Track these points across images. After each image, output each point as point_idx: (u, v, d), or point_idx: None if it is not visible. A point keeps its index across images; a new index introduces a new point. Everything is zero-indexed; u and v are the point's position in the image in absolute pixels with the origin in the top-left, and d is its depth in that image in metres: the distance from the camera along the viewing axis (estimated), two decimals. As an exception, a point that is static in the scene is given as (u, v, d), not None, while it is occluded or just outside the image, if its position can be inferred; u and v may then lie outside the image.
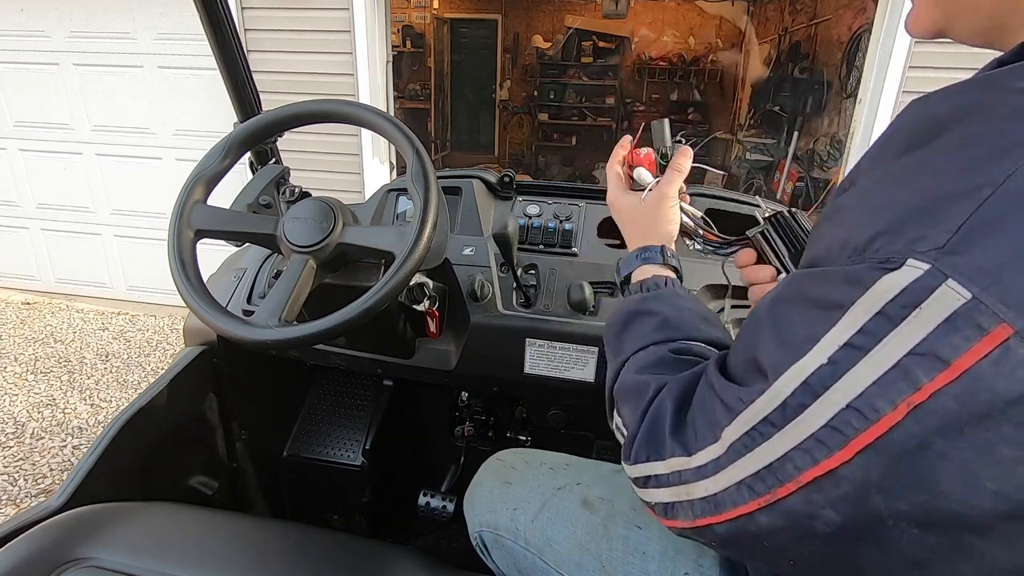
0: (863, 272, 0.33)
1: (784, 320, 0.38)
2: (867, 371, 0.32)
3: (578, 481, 0.78)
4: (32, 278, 3.55)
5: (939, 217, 0.31)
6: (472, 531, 0.83)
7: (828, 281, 0.35)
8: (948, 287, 0.29)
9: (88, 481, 0.90)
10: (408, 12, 6.22)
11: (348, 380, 1.50)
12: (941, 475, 0.31)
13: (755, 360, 0.40)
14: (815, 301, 0.36)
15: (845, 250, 0.35)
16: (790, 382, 0.35)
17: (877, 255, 0.33)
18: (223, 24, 0.98)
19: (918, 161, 0.35)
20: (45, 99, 3.13)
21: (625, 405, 0.54)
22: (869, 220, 0.35)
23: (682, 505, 0.45)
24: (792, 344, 0.36)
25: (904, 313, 0.31)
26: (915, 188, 0.34)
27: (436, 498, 1.39)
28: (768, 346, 0.39)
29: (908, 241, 0.32)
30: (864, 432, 0.32)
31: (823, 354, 0.34)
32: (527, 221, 1.11)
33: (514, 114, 6.89)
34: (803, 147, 4.58)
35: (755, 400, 0.38)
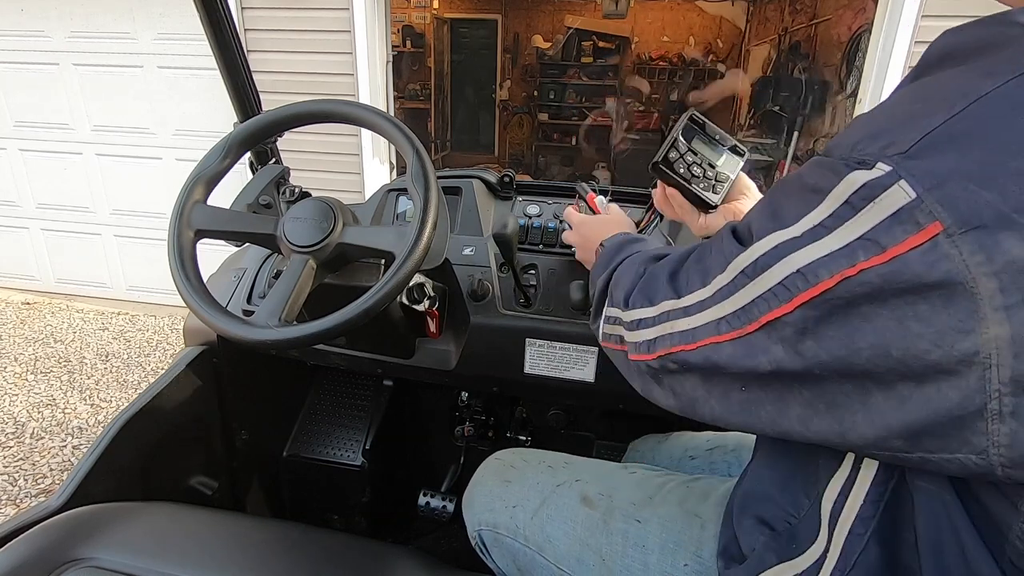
0: (842, 167, 0.38)
1: (782, 196, 0.44)
2: (823, 247, 0.38)
3: (577, 478, 0.79)
4: (32, 278, 3.55)
5: (911, 127, 0.36)
6: (471, 530, 0.83)
7: (820, 171, 0.40)
8: (899, 187, 0.34)
9: (88, 481, 0.90)
10: (408, 12, 6.21)
11: (348, 380, 1.50)
12: (858, 335, 0.36)
13: (750, 226, 0.46)
14: (807, 185, 0.41)
15: (839, 149, 0.40)
16: (765, 245, 0.42)
17: (857, 155, 0.37)
18: (223, 24, 0.98)
19: (922, 83, 0.40)
20: (45, 99, 3.13)
21: (620, 283, 0.63)
22: (863, 127, 0.39)
23: (663, 338, 0.52)
24: (780, 217, 0.42)
25: (863, 204, 0.36)
26: (907, 103, 0.39)
27: (436, 498, 1.39)
28: (763, 215, 0.45)
29: (882, 146, 0.36)
30: (804, 291, 0.38)
31: (800, 229, 0.40)
32: (527, 221, 1.11)
33: (514, 114, 6.89)
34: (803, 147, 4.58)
35: (742, 254, 0.44)
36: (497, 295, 1.04)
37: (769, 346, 0.42)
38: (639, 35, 6.35)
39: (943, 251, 0.32)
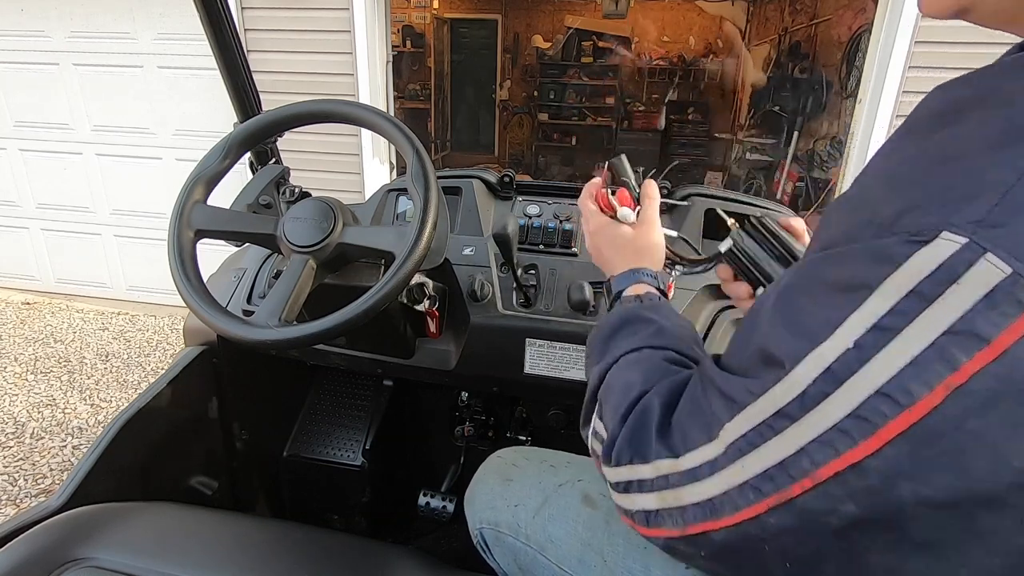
0: (893, 247, 0.31)
1: (798, 307, 0.36)
2: (899, 353, 0.30)
3: (579, 478, 0.79)
4: (32, 278, 3.54)
5: (976, 190, 0.30)
6: (473, 528, 0.83)
7: (849, 261, 0.33)
8: (988, 261, 0.28)
9: (88, 481, 0.90)
10: (408, 12, 6.21)
11: (348, 380, 1.50)
12: (970, 455, 0.29)
13: (764, 351, 0.37)
14: (834, 284, 0.34)
15: (868, 228, 0.33)
16: (810, 370, 0.33)
17: (906, 228, 0.31)
18: (223, 24, 0.98)
19: (948, 138, 0.34)
20: (45, 99, 3.13)
21: (608, 404, 0.52)
22: (896, 196, 0.33)
23: (670, 512, 0.42)
24: (810, 330, 0.34)
25: (939, 290, 0.29)
26: (947, 163, 0.32)
27: (436, 498, 1.39)
28: (781, 335, 0.36)
29: (942, 214, 0.30)
30: (896, 419, 0.30)
31: (847, 338, 0.32)
32: (527, 221, 1.11)
33: (514, 114, 6.89)
34: (803, 147, 4.58)
35: (768, 390, 0.35)
36: (497, 295, 1.03)
37: (836, 505, 0.33)
38: (639, 35, 6.35)
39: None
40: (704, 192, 1.14)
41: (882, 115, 2.35)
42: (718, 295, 1.03)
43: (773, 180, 4.89)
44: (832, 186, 3.91)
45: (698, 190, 1.14)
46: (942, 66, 2.23)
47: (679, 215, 1.11)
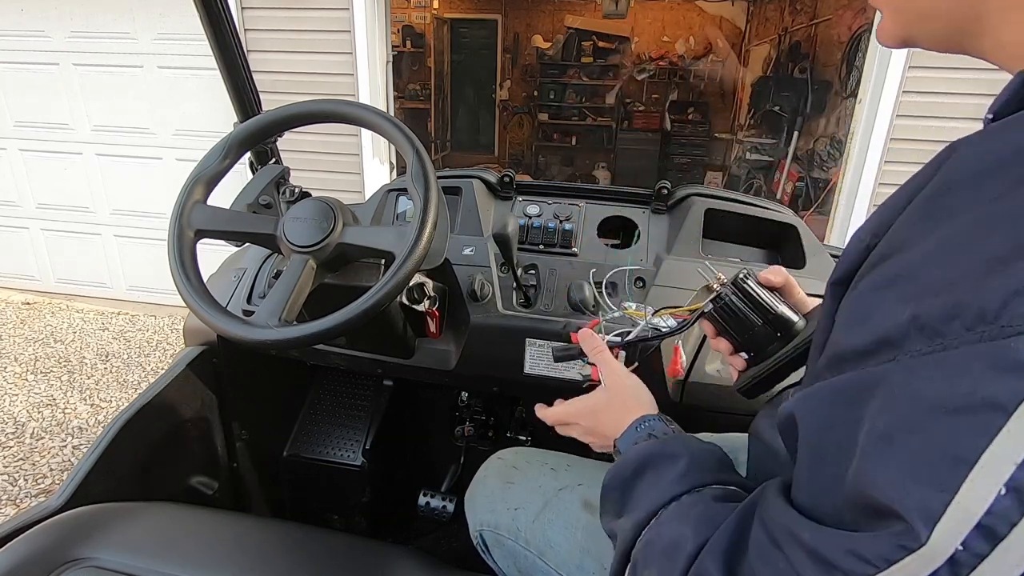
0: (1019, 348, 0.24)
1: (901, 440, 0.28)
2: None
3: (579, 482, 0.78)
4: (32, 278, 3.54)
5: None
6: (473, 530, 0.83)
7: (952, 371, 0.26)
8: None
9: (88, 481, 0.90)
10: (408, 12, 6.21)
11: (348, 380, 1.50)
12: None
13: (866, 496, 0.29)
14: (944, 405, 0.26)
15: (958, 322, 0.26)
16: (954, 528, 0.25)
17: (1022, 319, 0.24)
18: (223, 24, 0.98)
19: (1006, 202, 0.28)
20: (45, 99, 3.12)
21: (652, 567, 0.43)
22: (991, 276, 0.26)
23: None
24: (932, 472, 0.26)
25: None
26: (1007, 227, 0.27)
27: (436, 498, 1.39)
28: (891, 478, 0.27)
29: None
30: None
31: (994, 480, 0.24)
32: (527, 221, 1.11)
33: (514, 114, 6.89)
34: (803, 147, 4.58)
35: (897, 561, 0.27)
36: (497, 295, 1.03)
37: None
38: (639, 35, 6.34)
39: None
40: (704, 192, 1.14)
41: (882, 115, 2.35)
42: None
43: (773, 180, 4.89)
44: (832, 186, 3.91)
45: (698, 190, 1.14)
46: (942, 66, 2.23)
47: (679, 215, 1.12)
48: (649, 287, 1.01)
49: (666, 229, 1.11)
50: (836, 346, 0.36)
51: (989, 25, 0.35)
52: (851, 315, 0.36)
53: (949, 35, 0.39)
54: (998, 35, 0.35)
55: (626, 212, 1.14)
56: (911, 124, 2.33)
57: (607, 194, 1.19)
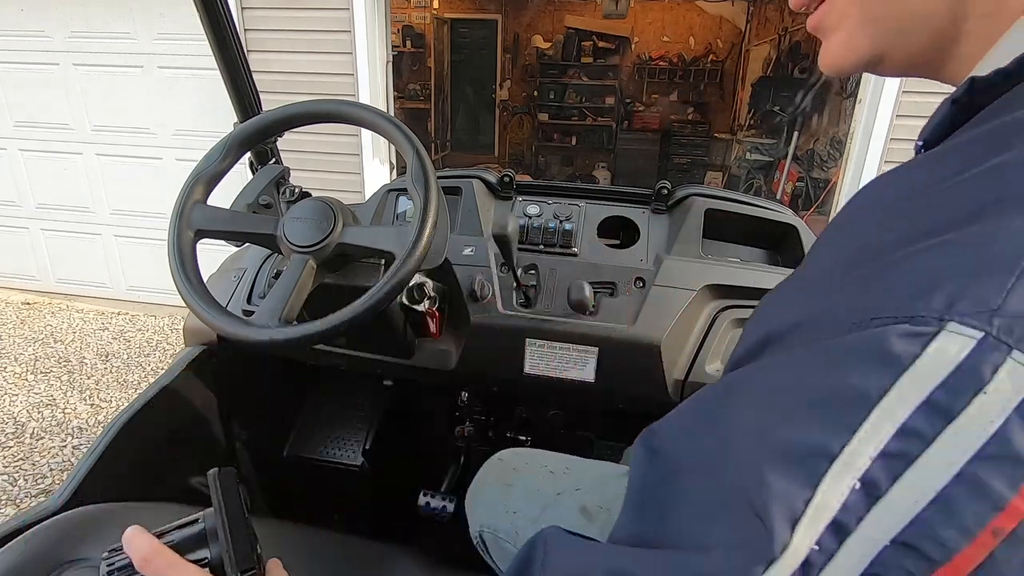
0: (892, 340, 0.24)
1: (770, 431, 0.27)
2: (917, 489, 0.23)
3: (577, 487, 0.78)
4: (32, 278, 3.54)
5: (973, 266, 0.24)
6: (473, 530, 0.83)
7: (831, 360, 0.26)
8: (1016, 362, 0.22)
9: (88, 481, 0.90)
10: (408, 12, 6.21)
11: (348, 380, 1.50)
12: None
13: (726, 501, 0.27)
14: (814, 395, 0.26)
15: (847, 316, 0.26)
16: (813, 526, 0.24)
17: (895, 315, 0.24)
18: (223, 24, 0.98)
19: (931, 204, 0.28)
20: (45, 99, 3.13)
21: None
22: (866, 280, 0.27)
23: None
24: (800, 466, 0.25)
25: (963, 401, 0.23)
26: (902, 227, 0.28)
27: (436, 498, 1.39)
28: (752, 476, 0.26)
29: (943, 299, 0.23)
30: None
31: (852, 474, 0.24)
32: (527, 221, 1.11)
33: (514, 114, 6.89)
34: (803, 147, 4.58)
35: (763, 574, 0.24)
36: (497, 295, 1.03)
37: None
38: (639, 35, 6.35)
39: None
40: (704, 192, 1.14)
41: (882, 115, 2.35)
42: (718, 295, 1.03)
43: (773, 180, 4.89)
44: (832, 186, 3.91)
45: (698, 190, 1.14)
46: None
47: (679, 215, 1.12)
48: (649, 287, 1.01)
49: (666, 229, 1.11)
50: (734, 354, 0.35)
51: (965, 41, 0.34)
52: (748, 323, 0.36)
53: (923, 53, 0.36)
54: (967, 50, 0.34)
55: (626, 212, 1.14)
56: (911, 124, 2.33)
57: (607, 194, 1.19)
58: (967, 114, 0.33)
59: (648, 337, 0.97)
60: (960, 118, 0.33)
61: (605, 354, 1.00)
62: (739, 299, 1.03)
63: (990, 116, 0.31)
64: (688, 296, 0.99)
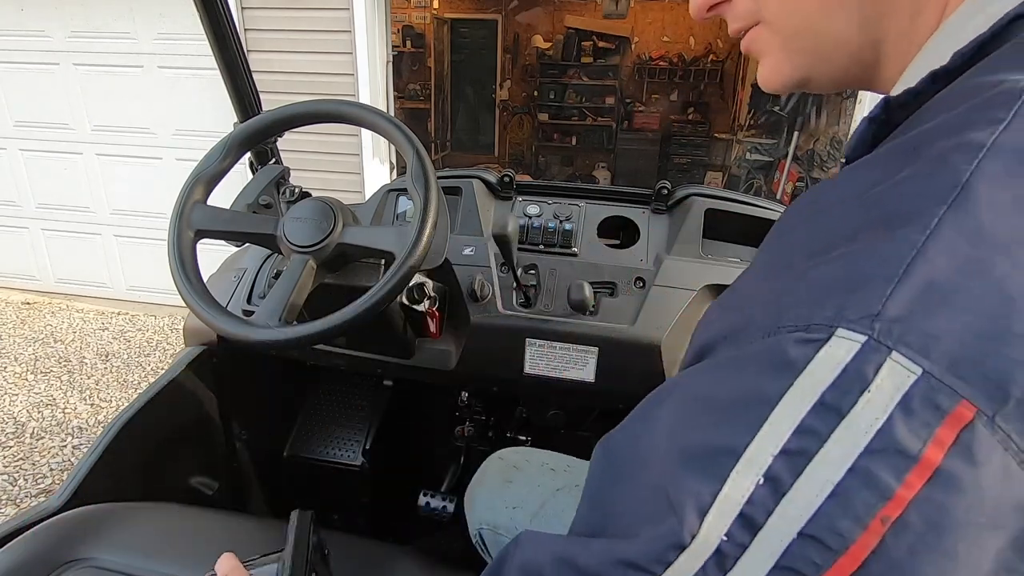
0: (788, 347, 0.26)
1: (685, 432, 0.29)
2: (817, 483, 0.24)
3: (577, 483, 0.79)
4: (32, 278, 3.54)
5: (859, 276, 0.26)
6: (472, 528, 0.83)
7: (738, 369, 0.28)
8: (895, 362, 0.24)
9: (88, 481, 0.90)
10: (408, 12, 6.21)
11: (348, 380, 1.50)
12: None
13: (645, 491, 0.30)
14: (726, 401, 0.28)
15: (753, 327, 0.29)
16: (721, 518, 0.26)
17: (794, 322, 0.27)
18: (223, 24, 0.98)
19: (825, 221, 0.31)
20: (45, 99, 3.13)
21: None
22: (779, 284, 0.29)
23: None
24: (704, 464, 0.27)
25: (850, 400, 0.24)
26: (828, 245, 0.29)
27: (436, 498, 1.39)
28: (666, 471, 0.29)
29: (833, 307, 0.26)
30: (831, 569, 0.24)
31: (757, 470, 0.25)
32: (527, 221, 1.11)
33: (514, 114, 6.88)
34: (803, 147, 4.58)
35: (672, 560, 0.27)
36: (497, 295, 1.04)
37: None
38: (639, 35, 6.35)
39: (989, 444, 0.23)
40: (704, 192, 1.14)
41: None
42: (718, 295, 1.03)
43: (773, 180, 4.89)
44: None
45: (698, 190, 1.14)
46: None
47: (679, 215, 1.12)
48: (649, 287, 1.01)
49: (666, 229, 1.11)
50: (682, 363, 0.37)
51: (886, 61, 0.36)
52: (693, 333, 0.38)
53: (847, 73, 0.38)
54: (887, 71, 0.36)
55: (626, 212, 1.14)
56: (911, 124, 2.33)
57: (607, 194, 1.19)
58: (887, 130, 0.34)
59: (648, 337, 0.98)
60: (881, 133, 0.35)
61: (605, 354, 1.00)
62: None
63: (898, 135, 0.32)
64: (688, 296, 1.00)
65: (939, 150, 0.27)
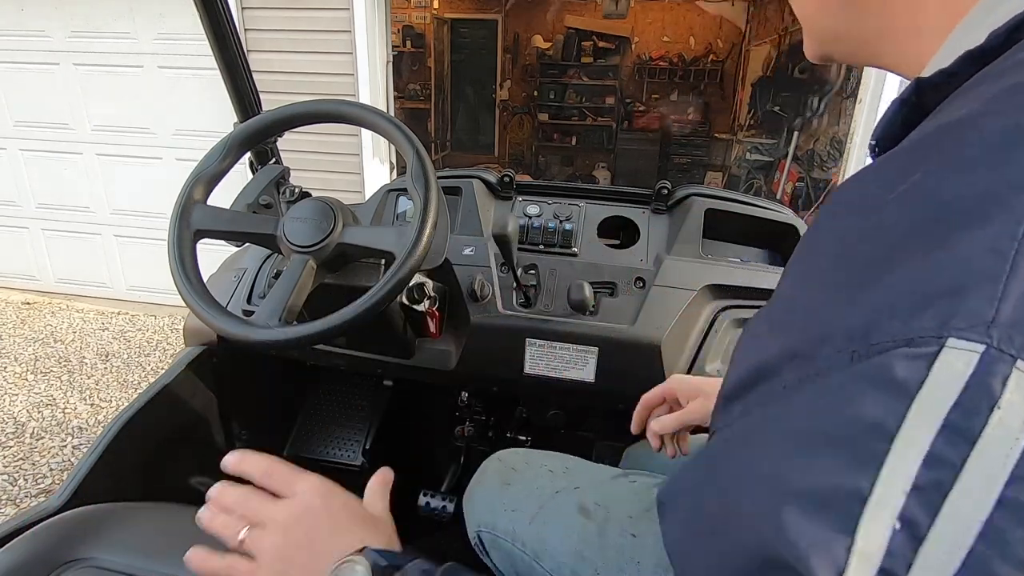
0: (895, 365, 0.23)
1: (789, 475, 0.25)
2: (961, 520, 0.21)
3: (576, 485, 0.78)
4: (32, 278, 3.54)
5: (957, 277, 0.23)
6: (471, 530, 0.83)
7: (836, 393, 0.24)
8: (1020, 372, 0.21)
9: (88, 481, 0.90)
10: (408, 12, 6.21)
11: (348, 380, 1.50)
12: None
13: (763, 559, 0.25)
14: (832, 433, 0.24)
15: (828, 344, 0.25)
16: None
17: (893, 335, 0.23)
18: (223, 24, 0.98)
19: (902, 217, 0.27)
20: (45, 99, 3.13)
21: None
22: (854, 296, 0.26)
23: None
24: (827, 515, 0.23)
25: (980, 420, 0.21)
26: (910, 256, 0.25)
27: (436, 498, 1.39)
28: (782, 529, 0.24)
29: (935, 316, 0.22)
30: None
31: (890, 513, 0.22)
32: (527, 221, 1.11)
33: (514, 114, 6.88)
34: (803, 147, 4.58)
35: None
36: (497, 295, 1.04)
37: None
38: (639, 35, 6.34)
39: None
40: (704, 192, 1.14)
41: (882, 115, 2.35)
42: (718, 295, 1.03)
43: (773, 180, 4.89)
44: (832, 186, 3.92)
45: (698, 190, 1.14)
46: (942, 66, 2.22)
47: (679, 215, 1.12)
48: (649, 287, 1.01)
49: (666, 229, 1.11)
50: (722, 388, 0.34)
51: (890, 43, 0.37)
52: (735, 354, 0.35)
53: (858, 52, 0.41)
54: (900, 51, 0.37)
55: (626, 212, 1.14)
56: (911, 124, 2.33)
57: (607, 194, 1.19)
58: (919, 114, 0.32)
59: (648, 337, 0.98)
60: (913, 117, 0.33)
61: (605, 354, 1.00)
62: (739, 299, 1.03)
63: (942, 118, 0.30)
64: (688, 296, 1.00)
65: (1003, 134, 0.25)
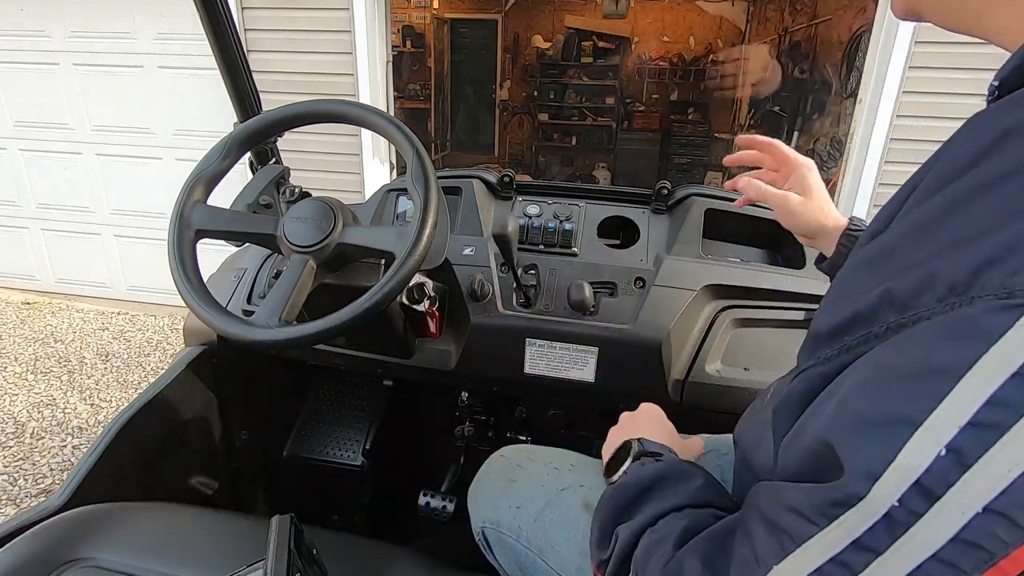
0: (979, 317, 0.24)
1: (859, 397, 0.29)
2: (1011, 456, 0.23)
3: (581, 483, 0.78)
4: (32, 278, 3.54)
5: None
6: (475, 526, 0.83)
7: (922, 336, 0.27)
8: None
9: (88, 481, 0.90)
10: (408, 12, 6.21)
11: (348, 380, 1.50)
12: None
13: (819, 446, 0.30)
14: (902, 370, 0.27)
15: (928, 293, 0.27)
16: (893, 484, 0.26)
17: (990, 290, 0.25)
18: (223, 24, 0.98)
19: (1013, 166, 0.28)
20: (45, 99, 3.12)
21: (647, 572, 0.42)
22: (961, 248, 0.27)
23: None
24: (878, 432, 0.27)
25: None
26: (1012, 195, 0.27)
27: (436, 498, 1.39)
28: (839, 435, 0.29)
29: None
30: (1021, 546, 0.23)
31: (937, 440, 0.25)
32: (527, 221, 1.11)
33: (514, 114, 6.88)
34: (803, 147, 4.58)
35: (838, 517, 0.27)
36: (497, 295, 1.03)
37: None
38: (639, 35, 6.34)
39: None
40: (704, 192, 1.14)
41: (882, 115, 2.35)
42: (718, 295, 1.03)
43: (773, 180, 4.89)
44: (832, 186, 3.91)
45: (698, 190, 1.14)
46: (942, 66, 2.22)
47: (679, 215, 1.12)
48: (649, 287, 1.01)
49: (666, 229, 1.11)
50: (815, 326, 0.37)
51: (992, 5, 0.35)
52: (830, 295, 0.37)
53: (953, 11, 0.38)
54: (998, 18, 0.35)
55: (626, 212, 1.14)
56: (911, 124, 2.33)
57: (607, 194, 1.19)
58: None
59: (648, 337, 0.98)
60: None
61: (605, 354, 1.00)
62: (739, 299, 1.03)
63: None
64: (688, 296, 0.99)
65: None
